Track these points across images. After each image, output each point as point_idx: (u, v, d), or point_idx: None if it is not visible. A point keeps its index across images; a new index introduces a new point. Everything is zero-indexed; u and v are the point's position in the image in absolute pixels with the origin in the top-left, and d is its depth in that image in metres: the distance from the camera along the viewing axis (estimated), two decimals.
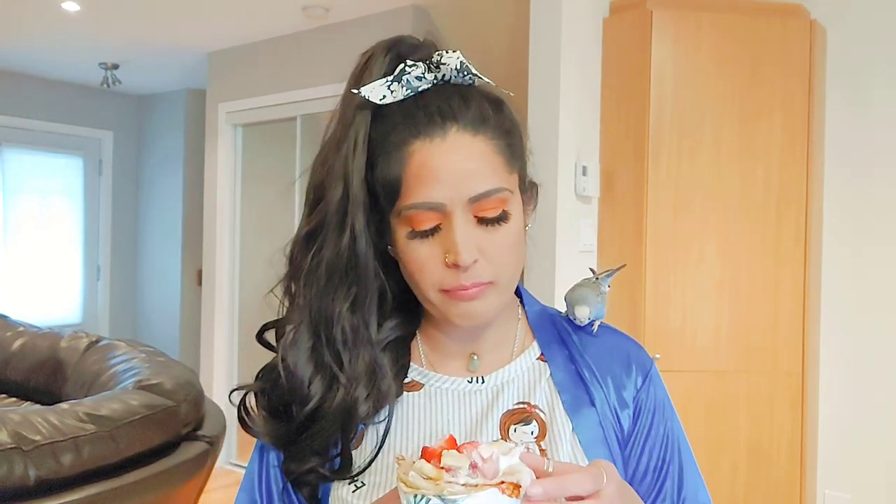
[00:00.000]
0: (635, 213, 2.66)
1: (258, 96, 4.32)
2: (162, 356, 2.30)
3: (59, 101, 5.38)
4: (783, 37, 2.67)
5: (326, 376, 0.77)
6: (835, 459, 2.91)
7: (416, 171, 0.72)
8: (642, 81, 2.65)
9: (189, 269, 5.45)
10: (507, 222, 0.75)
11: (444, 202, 0.72)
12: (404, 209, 0.73)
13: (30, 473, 1.56)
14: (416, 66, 0.75)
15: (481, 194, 0.72)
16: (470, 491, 0.57)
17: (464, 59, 0.75)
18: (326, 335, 0.77)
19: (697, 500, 0.82)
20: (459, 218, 0.72)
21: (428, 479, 0.58)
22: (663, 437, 0.82)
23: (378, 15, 3.74)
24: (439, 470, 0.59)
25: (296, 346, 0.78)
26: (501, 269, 0.75)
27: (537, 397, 0.81)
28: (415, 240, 0.74)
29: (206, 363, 4.59)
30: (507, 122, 0.77)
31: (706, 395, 2.64)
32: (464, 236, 0.72)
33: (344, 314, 0.77)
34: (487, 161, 0.73)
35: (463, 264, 0.72)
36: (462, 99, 0.75)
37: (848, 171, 2.90)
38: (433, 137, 0.72)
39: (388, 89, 0.74)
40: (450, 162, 0.72)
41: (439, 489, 0.57)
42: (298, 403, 0.77)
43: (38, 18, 3.93)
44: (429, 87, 0.76)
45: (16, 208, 5.23)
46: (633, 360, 0.85)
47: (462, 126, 0.73)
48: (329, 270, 0.76)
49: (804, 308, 2.68)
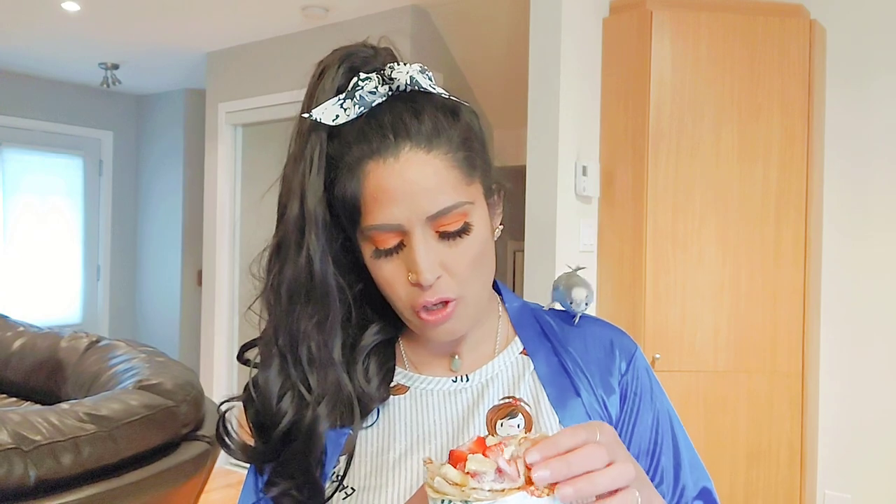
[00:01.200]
0: (635, 213, 2.66)
1: (258, 96, 4.32)
2: (162, 356, 2.30)
3: (59, 101, 5.38)
4: (783, 36, 2.67)
5: (295, 396, 0.77)
6: (835, 459, 2.91)
7: (372, 193, 0.71)
8: (642, 81, 2.65)
9: (189, 269, 5.45)
10: (470, 234, 0.74)
11: (401, 223, 0.71)
12: (366, 230, 0.73)
13: (30, 473, 1.56)
14: (370, 79, 0.74)
15: (439, 212, 0.71)
16: (496, 496, 0.56)
17: (414, 74, 0.74)
18: (292, 354, 0.76)
19: (698, 484, 0.82)
20: (419, 236, 0.72)
21: (454, 484, 0.57)
22: (653, 420, 0.82)
23: (378, 15, 3.73)
24: (465, 475, 0.58)
25: (266, 362, 0.77)
26: (467, 283, 0.75)
27: (522, 391, 0.81)
28: (380, 258, 0.74)
29: (206, 363, 4.59)
30: (463, 131, 0.75)
31: (706, 396, 2.64)
32: (424, 255, 0.71)
33: (309, 332, 0.76)
34: (443, 177, 0.72)
35: (425, 283, 0.72)
36: (414, 113, 0.73)
37: (848, 171, 2.90)
38: (386, 158, 0.71)
39: (341, 108, 0.73)
40: (404, 182, 0.71)
41: (465, 495, 0.56)
42: (271, 424, 0.77)
43: (38, 18, 3.93)
44: (382, 101, 0.74)
45: (16, 208, 5.23)
46: (616, 346, 0.84)
47: (415, 143, 0.72)
48: (290, 289, 0.75)
49: (804, 308, 2.68)
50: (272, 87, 4.23)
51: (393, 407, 0.81)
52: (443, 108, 0.75)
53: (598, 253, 2.75)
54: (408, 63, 0.75)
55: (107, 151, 5.72)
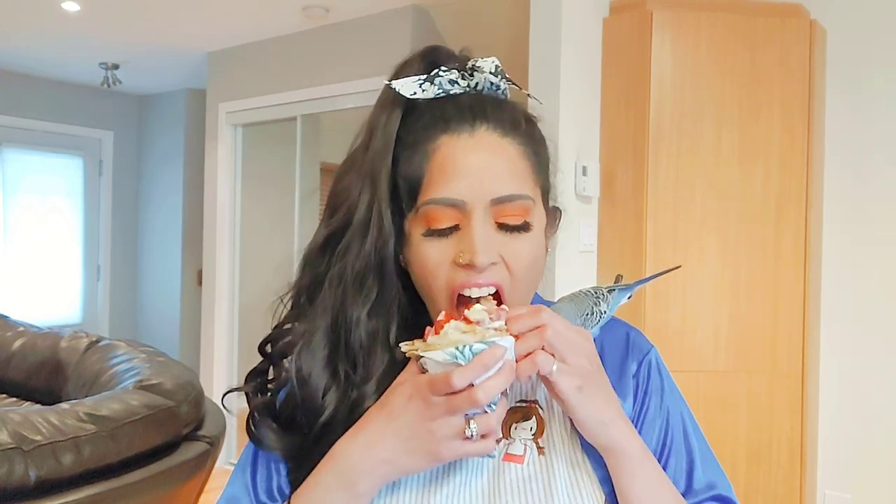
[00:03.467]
0: (635, 213, 2.66)
1: (258, 96, 4.32)
2: (162, 356, 2.30)
3: (59, 101, 5.38)
4: (783, 37, 2.67)
5: (342, 385, 0.75)
6: (835, 459, 2.91)
7: (440, 165, 0.71)
8: (642, 81, 2.65)
9: (189, 269, 5.45)
10: (529, 233, 0.73)
11: (465, 199, 0.70)
12: (422, 205, 0.72)
13: (30, 473, 1.56)
14: (451, 71, 0.74)
15: (505, 197, 0.71)
16: (501, 334, 0.67)
17: (499, 63, 0.74)
18: (346, 341, 0.75)
19: (713, 489, 0.81)
20: (479, 218, 0.71)
21: (465, 332, 0.66)
22: (663, 420, 0.81)
23: (378, 15, 3.74)
24: (471, 324, 0.67)
25: (311, 354, 0.75)
26: (518, 280, 0.73)
27: (538, 395, 0.81)
28: (430, 238, 0.72)
29: (206, 363, 4.59)
30: (537, 134, 0.77)
31: (706, 395, 2.64)
32: (482, 236, 0.70)
33: (363, 319, 0.75)
34: (514, 164, 0.72)
35: (479, 265, 0.70)
36: (495, 104, 0.74)
37: (848, 171, 2.90)
38: (461, 133, 0.71)
39: (419, 86, 0.74)
40: (476, 158, 0.71)
41: (480, 335, 0.66)
42: (312, 413, 0.75)
43: (38, 18, 3.93)
44: (461, 94, 0.75)
45: (16, 208, 5.23)
46: (631, 346, 0.85)
47: (492, 126, 0.72)
48: (353, 274, 0.74)
49: (804, 308, 2.68)
50: (272, 87, 4.23)
51: None
52: (523, 112, 0.77)
53: (598, 253, 2.75)
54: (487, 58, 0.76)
55: (107, 151, 5.72)
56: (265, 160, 4.61)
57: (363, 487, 0.70)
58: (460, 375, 0.64)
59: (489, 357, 0.64)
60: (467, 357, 0.65)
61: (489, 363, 0.64)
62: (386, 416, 0.69)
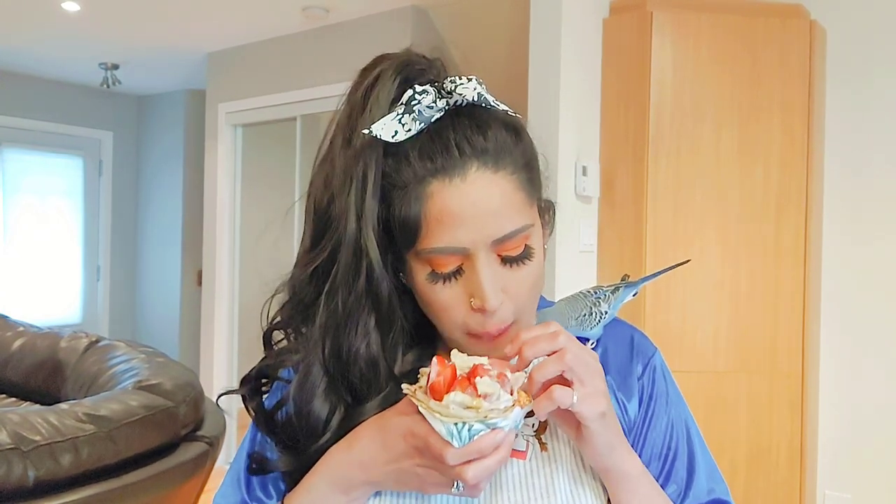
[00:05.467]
0: (635, 213, 2.66)
1: (258, 96, 4.32)
2: (161, 357, 2.30)
3: (59, 101, 5.38)
4: (783, 37, 2.67)
5: (343, 411, 0.75)
6: (835, 459, 2.91)
7: (436, 215, 0.69)
8: (642, 81, 2.65)
9: (189, 269, 5.45)
10: (531, 259, 0.73)
11: (467, 246, 0.69)
12: (424, 252, 0.70)
13: (29, 474, 1.55)
14: (426, 92, 0.71)
15: (505, 236, 0.70)
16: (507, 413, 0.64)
17: (481, 90, 0.71)
18: (342, 373, 0.75)
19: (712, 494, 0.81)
20: (483, 260, 0.70)
21: (468, 408, 0.63)
22: (667, 425, 0.81)
23: (378, 15, 3.73)
24: (478, 398, 0.64)
25: (308, 385, 0.75)
26: (524, 307, 0.74)
27: None
28: (436, 282, 0.72)
29: (205, 363, 4.59)
30: (527, 151, 0.74)
31: (706, 396, 2.64)
32: (489, 280, 0.70)
33: (362, 353, 0.74)
34: (509, 200, 0.70)
35: (490, 308, 0.70)
36: (479, 130, 0.70)
37: (848, 171, 2.90)
38: (453, 177, 0.69)
39: (399, 123, 0.70)
40: (472, 204, 0.68)
41: (482, 415, 0.63)
42: (312, 438, 0.75)
43: (38, 18, 3.93)
44: (441, 116, 0.71)
45: (16, 208, 5.23)
46: (635, 349, 0.85)
47: (482, 162, 0.69)
48: (345, 311, 0.73)
49: (804, 308, 2.67)
50: (272, 87, 4.23)
51: None
52: (505, 125, 0.72)
53: (598, 253, 2.75)
54: (464, 77, 0.72)
55: (107, 152, 5.72)
56: (265, 160, 4.61)
57: (356, 494, 0.73)
58: (453, 456, 0.63)
59: (486, 444, 0.63)
60: (464, 439, 0.63)
61: (485, 450, 0.63)
62: (381, 443, 0.70)
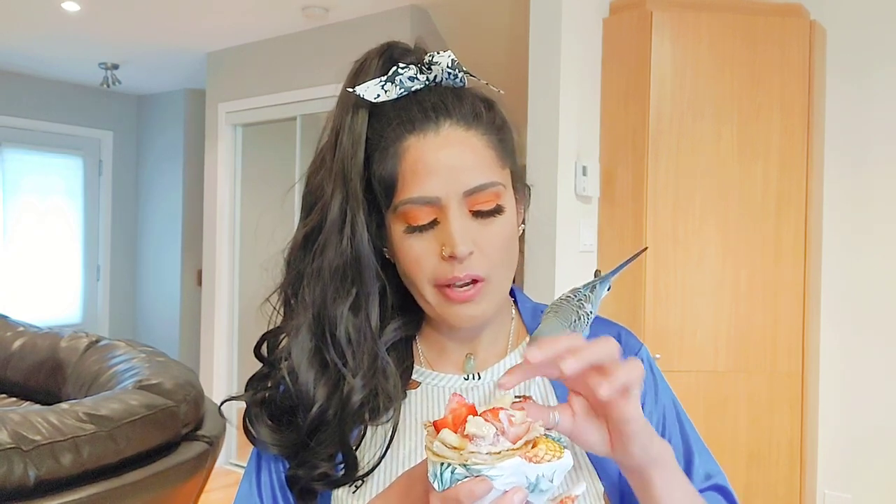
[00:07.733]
0: (635, 213, 2.66)
1: (258, 96, 4.32)
2: (162, 356, 2.30)
3: (59, 101, 5.38)
4: (783, 36, 2.67)
5: (332, 377, 0.77)
6: (834, 459, 2.91)
7: (411, 167, 0.74)
8: (642, 81, 2.65)
9: (189, 269, 5.45)
10: (502, 215, 0.76)
11: (439, 196, 0.73)
12: (400, 204, 0.74)
13: (29, 473, 1.56)
14: (409, 67, 0.77)
15: (476, 187, 0.74)
16: (494, 461, 0.55)
17: (454, 58, 0.77)
18: (331, 335, 0.77)
19: (711, 479, 0.83)
20: (455, 210, 0.74)
21: (452, 448, 0.57)
22: (659, 416, 0.83)
23: (378, 15, 3.74)
24: (463, 439, 0.57)
25: (298, 349, 0.78)
26: (495, 264, 0.76)
27: (532, 391, 0.82)
28: (411, 235, 0.75)
29: (205, 363, 4.59)
30: (498, 119, 0.79)
31: (706, 396, 2.64)
32: (460, 228, 0.73)
33: (346, 314, 0.77)
34: (481, 155, 0.75)
35: (459, 255, 0.73)
36: (455, 96, 0.77)
37: (848, 171, 2.90)
38: (427, 132, 0.74)
39: (381, 88, 0.76)
40: (444, 156, 0.74)
41: (463, 459, 0.56)
42: (304, 408, 0.77)
43: (38, 18, 3.93)
44: (422, 88, 0.78)
45: (16, 208, 5.23)
46: (623, 346, 0.85)
47: (455, 121, 0.75)
48: (331, 271, 0.77)
49: (804, 308, 2.67)
50: (272, 87, 4.23)
51: (404, 401, 0.81)
52: (480, 96, 0.79)
53: (598, 253, 2.75)
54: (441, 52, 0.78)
55: (107, 151, 5.72)
56: (265, 160, 4.61)
57: None
58: (433, 500, 0.58)
59: (463, 492, 0.55)
60: (444, 482, 0.56)
61: (463, 499, 0.55)
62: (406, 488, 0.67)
